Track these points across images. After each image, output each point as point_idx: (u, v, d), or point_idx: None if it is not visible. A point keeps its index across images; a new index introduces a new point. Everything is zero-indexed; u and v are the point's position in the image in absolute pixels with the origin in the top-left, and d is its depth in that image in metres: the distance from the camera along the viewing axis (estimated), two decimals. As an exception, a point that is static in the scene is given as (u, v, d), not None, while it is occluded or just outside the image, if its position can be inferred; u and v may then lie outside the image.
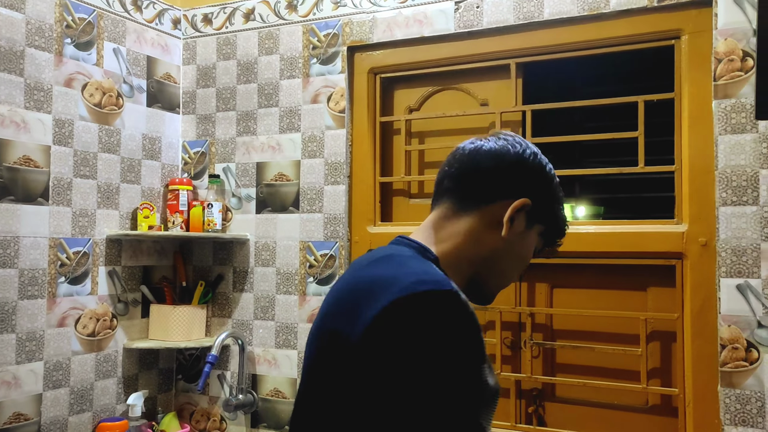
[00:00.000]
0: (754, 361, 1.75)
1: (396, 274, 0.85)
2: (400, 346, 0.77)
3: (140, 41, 2.47)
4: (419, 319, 0.78)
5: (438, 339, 0.78)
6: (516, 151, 1.03)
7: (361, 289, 0.87)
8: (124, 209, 2.39)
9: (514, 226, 1.00)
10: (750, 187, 1.78)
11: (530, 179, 1.03)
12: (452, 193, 1.04)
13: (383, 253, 0.96)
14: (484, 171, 1.02)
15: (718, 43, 1.83)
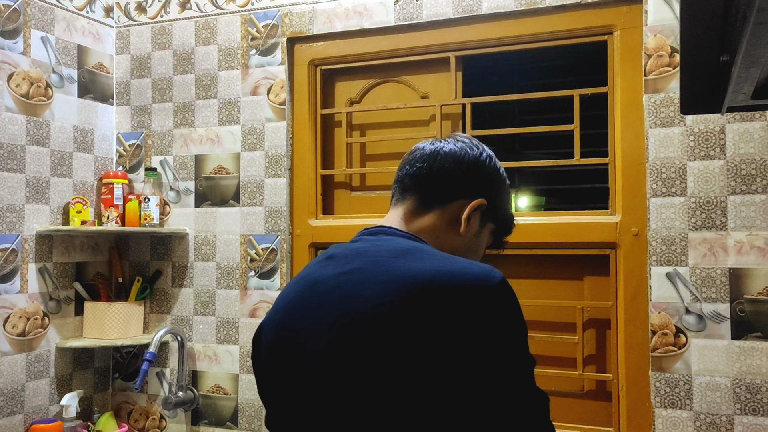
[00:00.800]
0: (682, 345, 1.82)
1: (455, 267, 0.91)
2: (499, 330, 0.89)
3: (70, 29, 2.38)
4: (505, 306, 0.91)
5: (518, 320, 0.92)
6: (474, 154, 1.10)
7: (419, 283, 0.90)
8: (55, 204, 2.30)
9: (471, 224, 1.08)
10: (678, 179, 1.84)
11: (486, 181, 1.10)
12: (415, 192, 1.10)
13: (404, 246, 0.98)
14: (445, 173, 1.08)
15: (648, 39, 1.88)
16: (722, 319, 1.78)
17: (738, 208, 1.78)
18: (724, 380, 1.78)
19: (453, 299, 0.88)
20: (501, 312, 0.90)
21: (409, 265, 0.93)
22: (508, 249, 2.06)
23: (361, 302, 0.93)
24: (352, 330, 0.92)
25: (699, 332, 1.80)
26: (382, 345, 0.89)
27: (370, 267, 0.96)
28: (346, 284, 0.96)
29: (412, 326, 0.88)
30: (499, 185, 1.13)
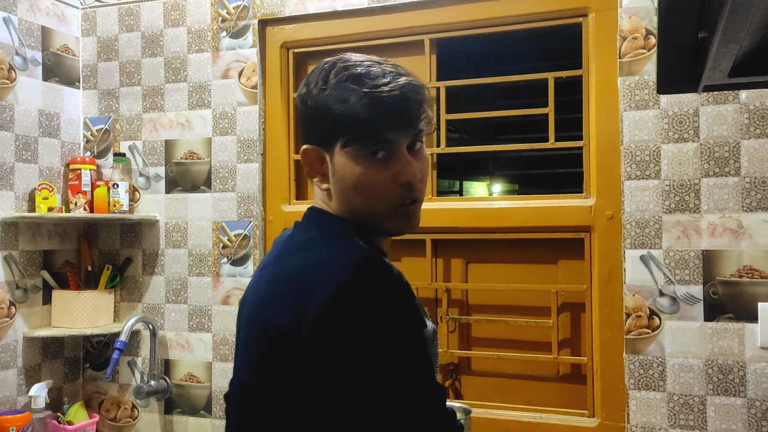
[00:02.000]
0: (656, 328, 1.83)
1: (320, 261, 0.87)
2: (356, 333, 0.80)
3: (33, 10, 2.30)
4: (364, 304, 0.81)
5: (386, 315, 0.81)
6: (297, 100, 1.04)
7: (292, 281, 0.87)
8: (20, 190, 2.23)
9: (322, 169, 1.00)
10: (652, 162, 1.84)
11: (303, 120, 1.02)
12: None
13: (301, 239, 0.96)
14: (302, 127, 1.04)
15: (623, 21, 1.88)
16: (695, 300, 1.80)
17: (711, 190, 1.79)
18: (696, 361, 1.79)
19: (316, 303, 0.82)
20: (358, 317, 0.81)
21: (295, 261, 0.92)
22: (482, 233, 2.06)
23: (255, 300, 0.96)
24: (251, 333, 0.96)
25: (672, 314, 1.82)
26: (269, 357, 0.90)
27: (275, 265, 0.97)
28: (260, 282, 0.98)
29: (287, 336, 0.84)
30: (310, 108, 0.98)
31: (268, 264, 0.99)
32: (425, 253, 2.13)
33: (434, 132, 2.19)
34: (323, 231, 0.95)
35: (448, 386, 2.15)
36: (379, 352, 0.79)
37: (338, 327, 0.80)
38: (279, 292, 0.89)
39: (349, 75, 0.94)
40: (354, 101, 0.92)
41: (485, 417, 2.03)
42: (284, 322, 0.85)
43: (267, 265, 0.99)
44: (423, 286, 2.14)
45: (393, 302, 0.83)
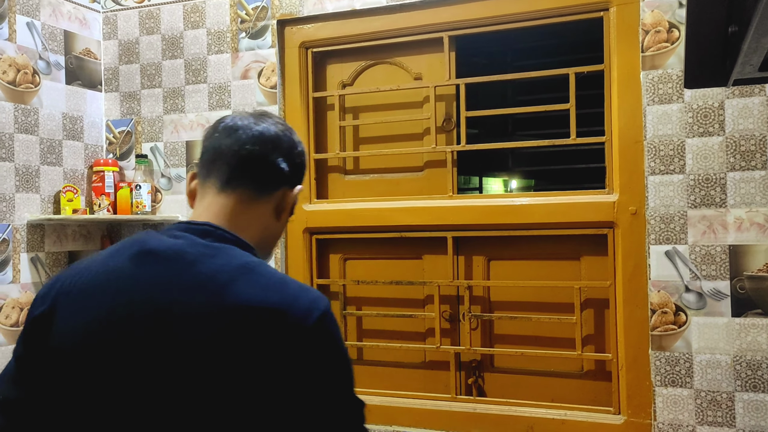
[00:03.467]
0: (682, 324, 1.82)
1: (282, 299, 0.88)
2: (333, 366, 0.92)
3: (56, 15, 2.33)
4: (330, 340, 0.90)
5: (342, 347, 0.93)
6: (295, 139, 1.07)
7: (245, 318, 0.86)
8: (46, 193, 2.26)
9: (287, 213, 1.06)
10: (677, 156, 1.83)
11: (303, 167, 1.08)
12: (248, 179, 1.01)
13: (234, 269, 0.90)
14: (273, 162, 1.02)
15: (645, 15, 1.86)
16: (722, 296, 1.78)
17: (737, 184, 1.76)
18: (724, 357, 1.77)
19: (274, 336, 0.86)
20: (320, 352, 0.89)
21: (238, 293, 0.87)
22: (503, 230, 2.06)
23: (188, 332, 0.86)
24: (175, 362, 0.86)
25: (699, 310, 1.80)
26: (204, 384, 0.85)
27: (197, 291, 0.88)
28: (168, 311, 0.87)
29: (234, 363, 0.85)
30: (304, 170, 1.09)
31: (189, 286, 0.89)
32: (446, 250, 2.13)
33: (454, 129, 2.18)
34: (254, 260, 0.95)
35: (471, 383, 2.14)
36: (345, 378, 0.95)
37: (319, 361, 0.90)
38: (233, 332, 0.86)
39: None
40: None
41: (509, 414, 2.03)
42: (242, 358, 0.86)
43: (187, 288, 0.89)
44: (444, 283, 2.14)
45: (340, 337, 0.94)
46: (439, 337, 2.14)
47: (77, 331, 0.90)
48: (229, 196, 0.99)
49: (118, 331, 0.89)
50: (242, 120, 1.03)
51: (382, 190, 2.27)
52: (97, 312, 0.90)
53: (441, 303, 2.16)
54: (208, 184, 1.01)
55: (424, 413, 2.12)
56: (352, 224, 2.22)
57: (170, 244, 0.93)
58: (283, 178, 1.03)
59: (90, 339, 0.90)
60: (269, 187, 1.02)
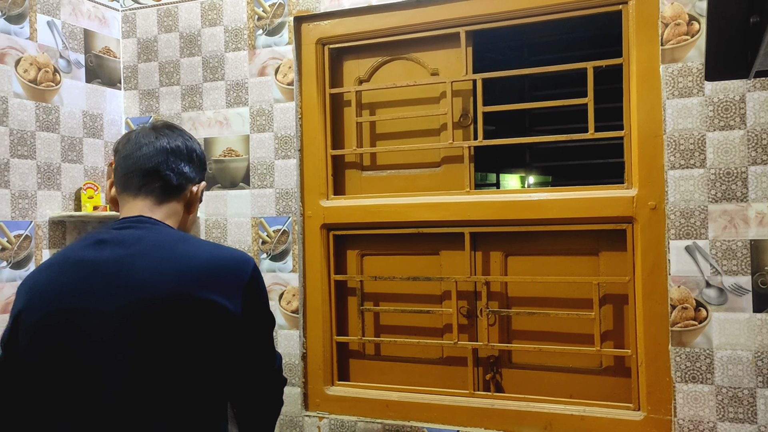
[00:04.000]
0: (703, 319, 1.80)
1: (226, 253, 1.17)
2: (263, 301, 1.22)
3: (76, 14, 2.36)
4: (261, 280, 1.21)
5: (265, 290, 1.24)
6: (193, 146, 1.29)
7: (208, 265, 1.13)
8: (67, 190, 2.29)
9: (198, 203, 1.31)
10: (697, 150, 1.81)
11: (204, 164, 1.33)
12: (154, 187, 1.23)
13: (174, 234, 1.18)
14: (179, 170, 1.25)
15: (665, 8, 1.84)
16: (744, 291, 1.76)
17: (759, 178, 1.74)
18: (745, 353, 1.75)
19: (239, 282, 1.14)
20: (259, 284, 1.20)
21: (187, 249, 1.14)
22: (521, 226, 2.05)
23: (151, 288, 1.08)
24: (144, 317, 1.07)
25: (720, 305, 1.78)
26: (174, 328, 1.07)
27: (154, 251, 1.12)
28: (133, 268, 1.10)
29: (216, 306, 1.10)
30: (205, 165, 1.34)
31: (142, 253, 1.13)
32: (464, 246, 2.13)
33: (471, 124, 2.18)
34: (187, 234, 1.25)
35: (489, 379, 2.14)
36: (268, 314, 1.24)
37: (255, 298, 1.19)
38: (196, 272, 1.11)
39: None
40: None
41: (527, 411, 2.02)
42: (215, 296, 1.11)
43: (141, 254, 1.13)
44: (462, 279, 2.13)
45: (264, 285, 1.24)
46: (456, 332, 2.14)
47: (35, 311, 1.12)
48: (144, 199, 1.22)
49: (82, 300, 1.10)
50: (145, 137, 1.24)
51: (399, 185, 2.27)
52: (53, 292, 1.12)
53: (458, 299, 2.15)
54: (125, 194, 1.23)
55: (441, 409, 2.12)
56: (369, 220, 2.22)
57: (118, 233, 1.16)
58: (187, 180, 1.26)
59: (46, 316, 1.11)
60: (176, 190, 1.25)
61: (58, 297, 1.11)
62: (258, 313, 1.19)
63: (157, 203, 1.22)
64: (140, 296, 1.07)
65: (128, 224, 1.17)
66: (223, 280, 1.12)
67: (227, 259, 1.15)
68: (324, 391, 2.27)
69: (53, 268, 1.15)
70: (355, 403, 2.23)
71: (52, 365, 1.09)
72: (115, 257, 1.11)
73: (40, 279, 1.15)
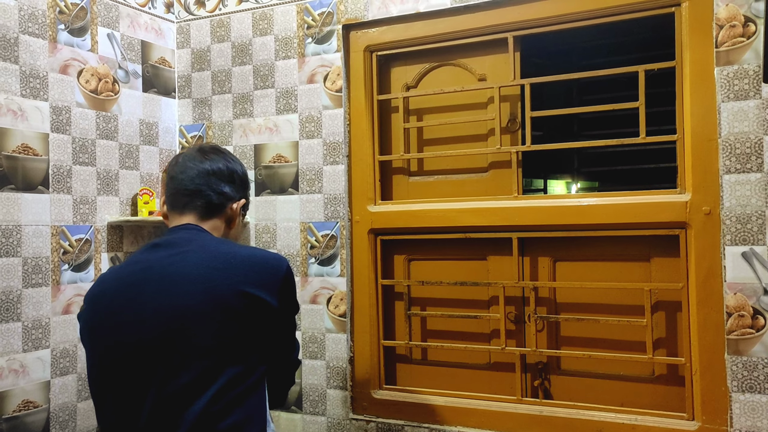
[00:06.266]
0: (761, 327, 1.75)
1: (263, 253, 1.35)
2: (294, 295, 1.40)
3: (134, 26, 2.44)
4: (293, 277, 1.39)
5: (295, 287, 1.42)
6: (233, 167, 1.47)
7: (249, 263, 1.31)
8: (124, 195, 2.37)
9: (240, 217, 1.49)
10: (754, 154, 1.77)
11: (244, 184, 1.51)
12: (196, 206, 1.41)
13: (217, 239, 1.39)
14: (220, 190, 1.43)
15: (719, 9, 1.81)
16: (803, 299, 1.71)
17: (819, 183, 1.69)
18: (805, 363, 1.70)
19: (275, 278, 1.33)
20: (292, 280, 1.39)
21: (230, 249, 1.33)
22: (570, 231, 2.03)
23: (201, 281, 1.26)
24: (193, 307, 1.25)
25: (778, 313, 1.73)
26: (225, 317, 1.26)
27: (201, 250, 1.31)
28: (184, 263, 1.28)
29: (260, 300, 1.29)
30: (247, 184, 1.52)
31: (191, 250, 1.33)
32: (512, 251, 2.12)
33: (519, 129, 2.17)
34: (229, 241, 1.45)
35: (537, 386, 2.12)
36: (296, 308, 1.43)
37: (288, 293, 1.37)
38: (236, 267, 1.29)
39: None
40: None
41: (577, 418, 2.00)
42: (259, 291, 1.29)
43: (190, 251, 1.32)
44: (510, 284, 2.13)
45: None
46: (504, 338, 2.13)
47: (105, 305, 1.32)
48: (189, 215, 1.41)
49: (139, 295, 1.29)
50: (191, 160, 1.42)
51: (447, 191, 2.28)
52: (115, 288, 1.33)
53: (506, 304, 2.15)
54: (173, 211, 1.43)
55: (489, 414, 2.11)
56: (416, 225, 2.24)
57: (168, 238, 1.36)
58: (228, 198, 1.44)
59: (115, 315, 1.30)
60: (218, 208, 1.43)
61: (119, 296, 1.31)
62: (290, 306, 1.38)
63: (200, 220, 1.41)
64: (190, 289, 1.26)
65: (178, 230, 1.39)
66: (264, 277, 1.31)
67: (265, 258, 1.34)
68: (371, 394, 2.29)
69: (116, 272, 1.36)
70: (401, 407, 2.24)
71: (117, 355, 1.29)
72: (168, 255, 1.31)
73: (105, 281, 1.36)
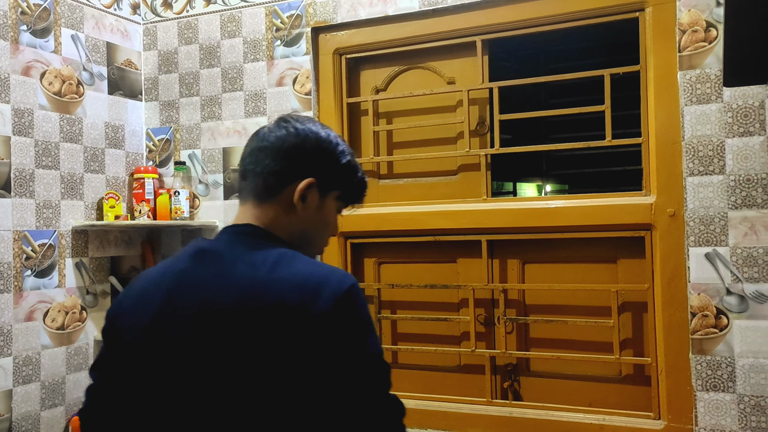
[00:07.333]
0: (724, 327, 1.78)
1: (318, 272, 1.01)
2: (357, 322, 1.00)
3: (99, 27, 2.40)
4: (359, 303, 1.00)
5: (367, 312, 1.03)
6: (291, 140, 1.10)
7: (297, 284, 0.98)
8: (89, 199, 2.33)
9: (308, 203, 1.10)
10: (716, 157, 1.80)
11: (310, 158, 1.11)
12: (250, 190, 1.11)
13: (277, 253, 1.04)
14: (269, 169, 1.09)
15: (682, 15, 1.84)
16: (765, 299, 1.74)
17: (779, 185, 1.73)
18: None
19: (325, 301, 0.97)
20: (357, 310, 1.00)
21: (290, 270, 1.00)
22: (538, 233, 2.05)
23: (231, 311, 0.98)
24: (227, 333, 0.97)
25: (741, 313, 1.76)
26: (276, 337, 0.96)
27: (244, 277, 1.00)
28: (222, 291, 1.00)
29: (300, 315, 0.96)
30: (325, 156, 1.12)
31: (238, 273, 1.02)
32: (481, 254, 2.13)
33: (488, 132, 2.19)
34: (287, 250, 1.07)
35: (507, 387, 2.13)
36: (372, 337, 1.03)
37: (346, 318, 0.99)
38: (284, 290, 0.98)
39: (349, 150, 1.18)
40: (359, 168, 1.18)
41: (546, 419, 2.01)
42: (297, 307, 0.97)
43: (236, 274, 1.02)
44: (479, 287, 2.14)
45: (366, 305, 1.04)
46: (474, 340, 2.14)
47: (135, 326, 1.05)
48: (244, 204, 1.12)
49: (171, 315, 1.02)
50: (251, 139, 1.13)
51: (417, 194, 2.28)
52: (151, 308, 1.04)
53: (476, 306, 2.15)
54: (239, 201, 1.15)
55: (459, 417, 2.12)
56: (386, 228, 2.24)
57: (217, 245, 1.07)
58: (280, 182, 1.09)
59: (144, 331, 1.03)
60: (268, 194, 1.09)
61: (151, 306, 1.05)
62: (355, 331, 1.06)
63: (256, 208, 1.10)
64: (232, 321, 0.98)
65: (228, 233, 1.10)
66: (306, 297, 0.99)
67: (312, 277, 1.01)
68: (342, 399, 2.27)
69: (162, 275, 1.08)
70: (373, 411, 2.23)
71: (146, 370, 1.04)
72: (213, 274, 1.03)
73: (150, 283, 1.09)
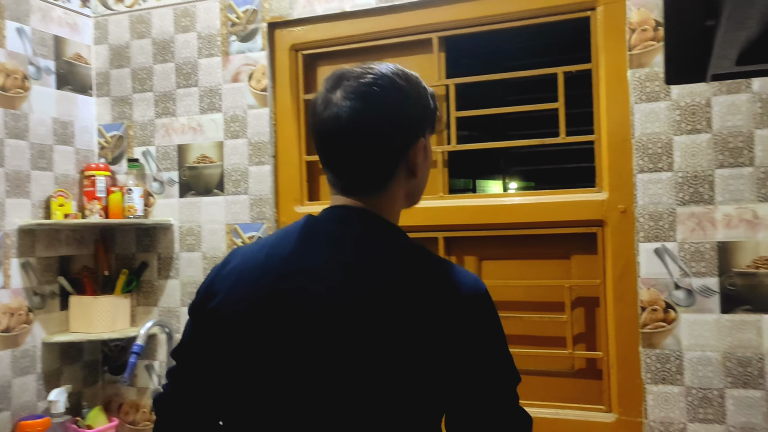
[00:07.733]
0: (672, 321, 1.82)
1: (453, 269, 0.99)
2: (496, 321, 1.02)
3: (46, 20, 2.33)
4: (491, 310, 1.00)
5: (497, 318, 1.03)
6: (399, 99, 1.01)
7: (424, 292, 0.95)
8: (37, 198, 2.26)
9: (420, 158, 1.04)
10: (665, 154, 1.83)
11: (416, 119, 1.03)
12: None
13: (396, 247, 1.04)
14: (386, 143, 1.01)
15: (632, 14, 1.87)
16: (711, 293, 1.78)
17: (726, 181, 1.77)
18: (714, 354, 1.78)
19: (456, 307, 0.95)
20: (490, 316, 1.00)
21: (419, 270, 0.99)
22: (494, 230, 2.06)
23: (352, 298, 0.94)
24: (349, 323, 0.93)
25: (689, 307, 1.80)
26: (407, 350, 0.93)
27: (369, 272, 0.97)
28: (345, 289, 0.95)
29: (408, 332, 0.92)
30: (422, 107, 1.04)
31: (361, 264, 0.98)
32: (438, 250, 2.13)
33: (444, 130, 2.19)
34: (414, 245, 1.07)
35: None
36: (503, 344, 1.05)
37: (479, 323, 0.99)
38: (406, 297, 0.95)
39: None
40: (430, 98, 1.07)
41: (502, 414, 2.02)
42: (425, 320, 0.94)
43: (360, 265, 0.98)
44: (437, 284, 2.14)
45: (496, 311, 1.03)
46: (431, 337, 2.14)
47: (232, 303, 0.97)
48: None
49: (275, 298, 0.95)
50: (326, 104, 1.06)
51: (374, 191, 2.27)
52: (251, 285, 0.97)
53: (433, 303, 2.15)
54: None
55: (417, 414, 2.12)
56: (343, 226, 2.22)
57: (335, 228, 1.00)
58: (401, 154, 1.02)
59: (244, 309, 0.96)
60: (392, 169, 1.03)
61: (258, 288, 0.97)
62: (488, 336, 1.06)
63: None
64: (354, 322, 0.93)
65: (335, 210, 1.04)
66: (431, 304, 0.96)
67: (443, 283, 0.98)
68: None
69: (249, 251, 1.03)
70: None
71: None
72: (335, 262, 0.96)
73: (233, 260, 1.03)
